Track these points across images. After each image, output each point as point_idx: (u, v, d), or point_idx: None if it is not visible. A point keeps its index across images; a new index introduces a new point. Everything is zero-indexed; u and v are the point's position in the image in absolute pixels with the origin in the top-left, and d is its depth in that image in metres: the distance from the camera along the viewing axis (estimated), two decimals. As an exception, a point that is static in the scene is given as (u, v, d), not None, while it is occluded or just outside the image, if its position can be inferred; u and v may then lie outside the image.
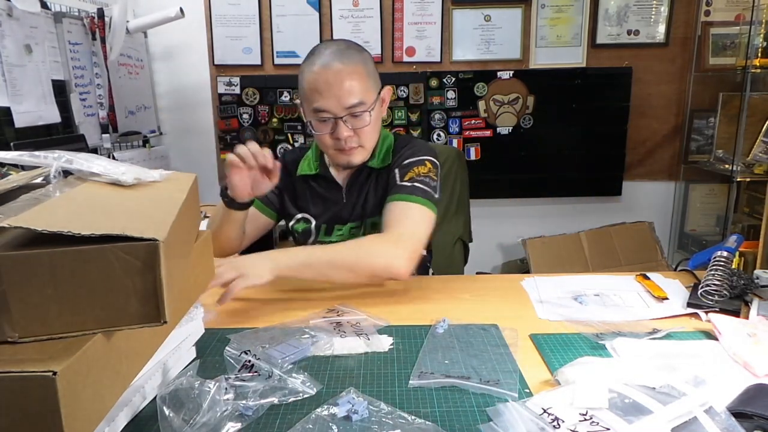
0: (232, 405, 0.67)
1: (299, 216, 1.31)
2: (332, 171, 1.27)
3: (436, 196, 1.16)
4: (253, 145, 1.06)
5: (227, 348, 0.79)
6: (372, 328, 0.90)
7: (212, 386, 0.66)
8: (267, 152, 1.07)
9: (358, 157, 1.18)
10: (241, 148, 1.06)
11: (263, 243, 1.51)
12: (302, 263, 1.03)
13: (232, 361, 0.77)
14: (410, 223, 1.09)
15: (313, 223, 1.29)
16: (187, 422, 0.62)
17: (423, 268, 1.35)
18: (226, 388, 0.68)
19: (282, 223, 1.36)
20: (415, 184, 1.14)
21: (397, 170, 1.18)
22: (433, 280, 1.22)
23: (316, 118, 1.13)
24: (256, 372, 0.74)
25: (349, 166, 1.21)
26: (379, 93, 1.18)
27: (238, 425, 0.64)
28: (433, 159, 1.21)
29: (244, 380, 0.72)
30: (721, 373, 0.75)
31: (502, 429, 0.61)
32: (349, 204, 1.26)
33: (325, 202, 1.28)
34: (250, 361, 0.76)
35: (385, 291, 1.11)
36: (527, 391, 0.72)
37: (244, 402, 0.67)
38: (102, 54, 2.27)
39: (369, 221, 1.25)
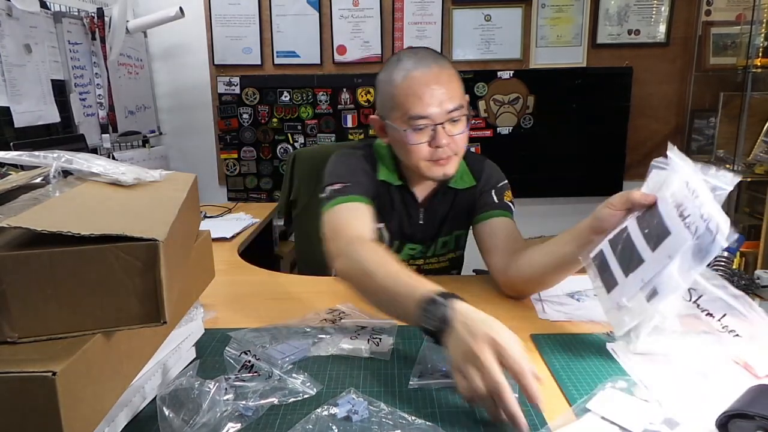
0: (232, 405, 0.66)
1: (378, 227, 1.18)
2: (413, 186, 1.19)
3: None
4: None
5: (227, 348, 0.79)
6: (379, 330, 0.89)
7: (212, 386, 0.66)
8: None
9: (453, 168, 1.09)
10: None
11: (263, 243, 1.51)
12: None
13: (232, 362, 0.77)
14: (515, 236, 1.14)
15: (387, 238, 1.21)
16: (186, 422, 0.62)
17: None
18: (226, 389, 0.68)
19: (281, 222, 1.34)
20: (509, 204, 1.19)
21: (493, 192, 1.18)
22: (433, 280, 1.22)
23: (412, 126, 1.04)
24: (256, 372, 0.74)
25: (444, 179, 1.12)
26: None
27: (238, 425, 0.64)
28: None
29: (244, 380, 0.71)
30: (721, 374, 0.75)
31: None
32: (427, 225, 1.21)
33: (401, 217, 1.20)
34: (250, 361, 0.76)
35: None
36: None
37: (244, 402, 0.67)
38: (102, 54, 2.27)
39: (440, 240, 1.24)
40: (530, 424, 0.65)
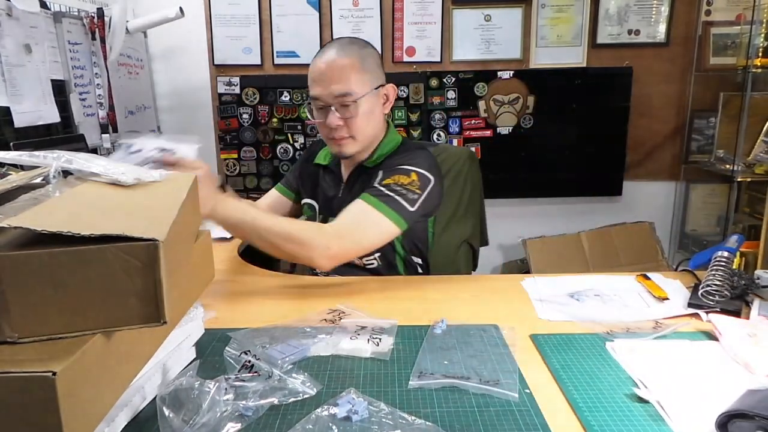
0: (232, 405, 0.66)
1: (306, 200, 1.42)
2: (342, 167, 1.35)
3: (411, 209, 1.14)
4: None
5: (227, 348, 0.79)
6: (379, 330, 0.89)
7: (212, 386, 0.66)
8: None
9: (350, 149, 1.23)
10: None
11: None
12: (239, 221, 1.06)
13: (232, 362, 0.77)
14: (358, 228, 1.12)
15: (317, 212, 1.38)
16: (186, 422, 0.62)
17: (412, 269, 1.35)
18: (226, 389, 0.68)
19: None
20: (391, 193, 1.13)
21: (381, 172, 1.19)
22: (433, 280, 1.22)
23: (314, 106, 1.21)
24: (256, 372, 0.74)
25: (341, 156, 1.27)
26: (377, 88, 1.22)
27: (238, 425, 0.64)
28: (422, 172, 1.18)
29: (244, 380, 0.71)
30: (721, 374, 0.75)
31: None
32: (345, 199, 1.26)
33: (327, 193, 1.36)
34: (250, 361, 0.76)
35: (385, 290, 1.11)
36: (527, 391, 0.72)
37: (244, 402, 0.67)
38: (102, 54, 2.27)
39: None
40: (530, 424, 0.65)
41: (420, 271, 1.35)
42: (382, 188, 1.15)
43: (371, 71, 1.20)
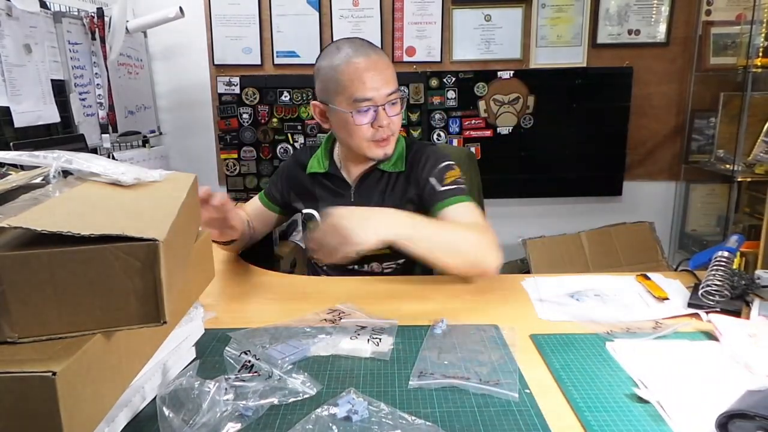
0: (232, 405, 0.66)
1: (307, 211, 1.34)
2: (343, 171, 1.30)
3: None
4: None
5: (227, 348, 0.79)
6: (378, 330, 0.89)
7: (212, 386, 0.66)
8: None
9: (391, 148, 1.22)
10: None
11: (263, 243, 1.51)
12: (424, 238, 0.99)
13: (232, 362, 0.77)
14: (476, 219, 1.13)
15: (320, 220, 1.29)
16: (186, 423, 0.62)
17: (428, 271, 1.35)
18: (226, 389, 0.68)
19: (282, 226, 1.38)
20: (457, 186, 1.19)
21: (432, 179, 1.21)
22: (433, 280, 1.22)
23: (355, 108, 1.14)
24: (256, 372, 0.74)
25: (384, 158, 1.23)
26: None
27: (238, 425, 0.64)
28: (455, 163, 1.26)
29: (244, 380, 0.71)
30: (721, 374, 0.75)
31: None
32: (358, 204, 1.25)
33: (334, 200, 1.28)
34: (250, 361, 0.76)
35: (385, 291, 1.11)
36: (527, 391, 0.72)
37: (244, 402, 0.67)
38: (102, 54, 2.27)
39: None
40: (530, 424, 0.65)
41: (433, 272, 1.35)
42: (450, 187, 1.19)
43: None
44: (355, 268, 1.29)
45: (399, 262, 1.31)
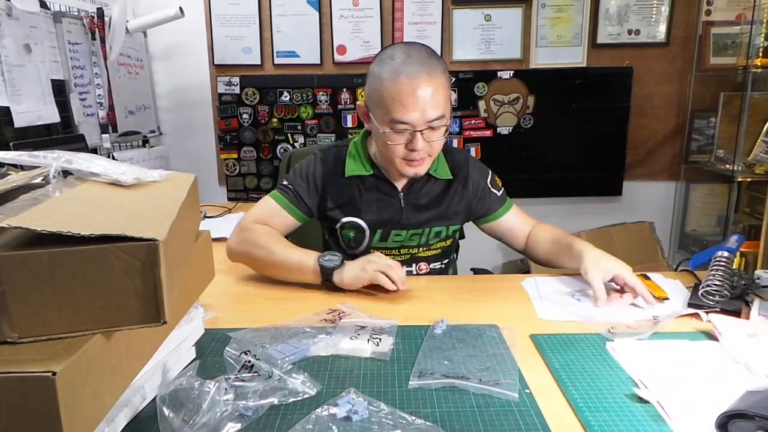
0: (232, 405, 0.66)
1: (346, 220, 1.23)
2: (386, 174, 1.23)
3: None
4: (399, 272, 1.05)
5: (227, 348, 0.79)
6: (378, 330, 0.89)
7: (212, 386, 0.66)
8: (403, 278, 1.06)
9: (424, 168, 1.16)
10: (396, 274, 1.04)
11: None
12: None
13: (232, 362, 0.77)
14: (531, 218, 1.31)
15: (366, 229, 1.23)
16: (186, 422, 0.62)
17: (454, 270, 1.44)
18: (226, 389, 0.68)
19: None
20: (503, 191, 1.31)
21: (488, 186, 1.29)
22: (433, 280, 1.22)
23: (392, 128, 1.08)
24: (256, 372, 0.73)
25: (415, 176, 1.18)
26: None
27: (238, 425, 0.64)
28: None
29: (244, 380, 0.71)
30: (721, 374, 0.75)
31: None
32: (408, 210, 1.23)
33: (380, 205, 1.22)
34: (250, 361, 0.76)
35: (385, 291, 1.11)
36: (527, 391, 0.72)
37: (244, 402, 0.67)
38: (102, 54, 2.27)
39: (433, 230, 1.26)
40: (530, 424, 0.65)
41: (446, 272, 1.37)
42: (501, 193, 1.30)
43: (449, 85, 1.13)
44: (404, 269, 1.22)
45: (444, 262, 1.32)
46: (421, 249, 1.28)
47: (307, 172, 1.24)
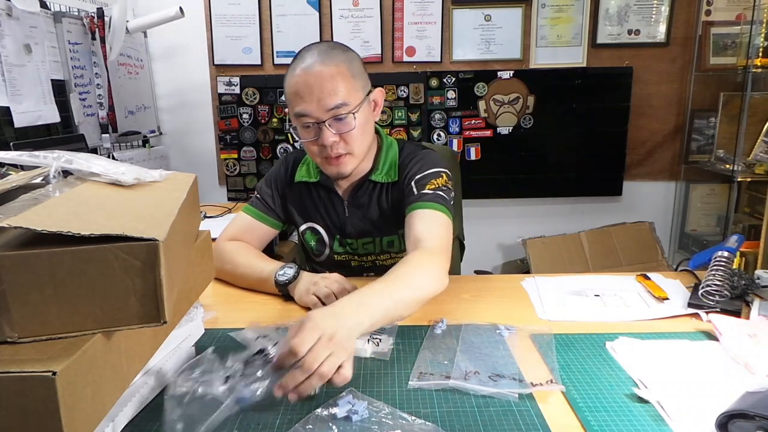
0: (232, 404, 0.66)
1: (305, 226, 1.24)
2: (334, 182, 1.20)
3: (452, 207, 1.12)
4: (337, 284, 0.98)
5: (244, 329, 0.78)
6: (379, 330, 0.89)
7: (212, 386, 0.66)
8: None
9: (348, 166, 1.10)
10: (325, 291, 0.97)
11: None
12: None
13: (246, 345, 0.76)
14: (439, 235, 1.02)
15: (325, 235, 1.23)
16: (187, 422, 0.62)
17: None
18: (226, 388, 0.68)
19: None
20: (437, 192, 1.10)
21: (413, 184, 1.12)
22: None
23: (299, 123, 1.07)
24: (257, 371, 0.73)
25: (339, 177, 1.13)
26: (368, 94, 1.10)
27: (238, 423, 0.64)
28: (446, 170, 1.15)
29: (244, 377, 0.71)
30: (721, 374, 0.75)
31: None
32: (353, 219, 1.20)
33: (328, 212, 1.22)
34: (265, 349, 0.74)
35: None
36: (527, 391, 0.72)
37: (243, 400, 0.67)
38: (102, 54, 2.27)
39: (385, 240, 1.21)
40: (530, 424, 0.65)
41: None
42: (427, 192, 1.09)
43: (360, 76, 1.08)
44: None
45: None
46: (381, 257, 1.24)
47: (271, 176, 1.26)
